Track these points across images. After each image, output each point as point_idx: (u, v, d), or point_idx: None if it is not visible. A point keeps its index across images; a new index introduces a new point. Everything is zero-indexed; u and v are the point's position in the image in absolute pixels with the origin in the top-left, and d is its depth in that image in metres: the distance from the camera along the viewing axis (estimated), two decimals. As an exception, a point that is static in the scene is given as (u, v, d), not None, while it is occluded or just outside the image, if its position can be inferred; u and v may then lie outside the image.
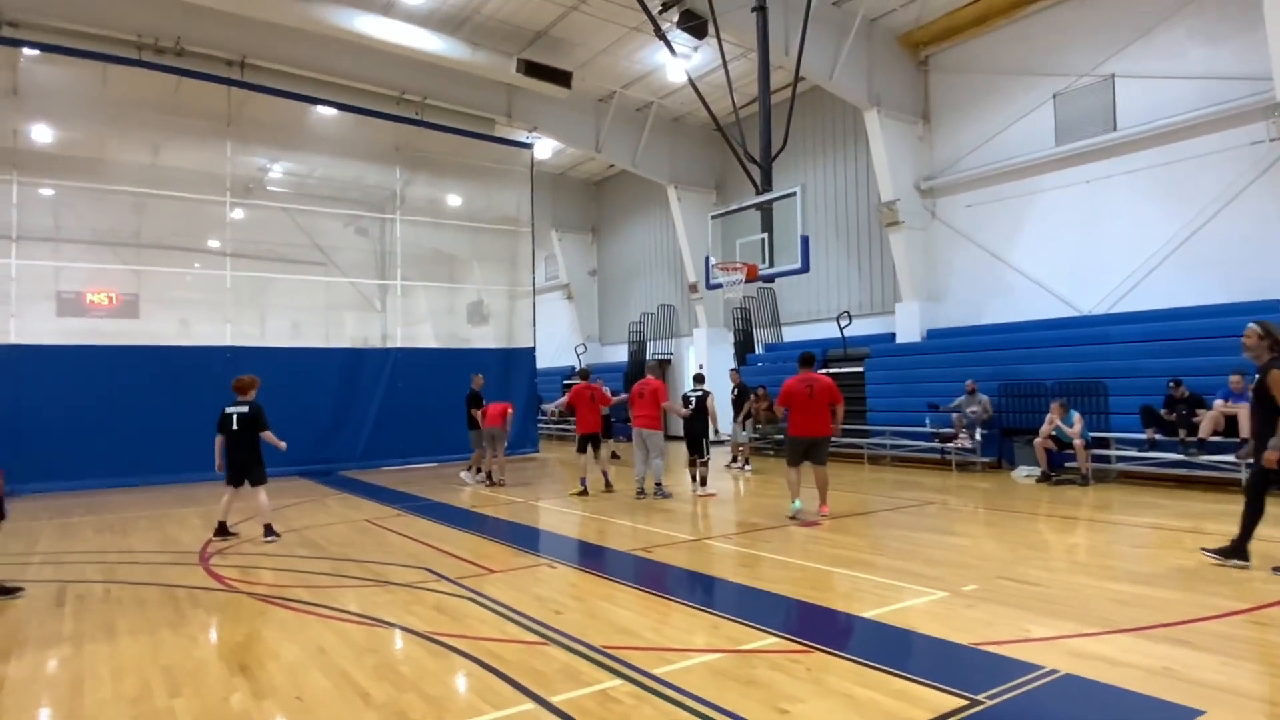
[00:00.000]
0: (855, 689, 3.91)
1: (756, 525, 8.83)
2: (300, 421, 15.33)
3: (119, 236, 15.19)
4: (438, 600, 5.86)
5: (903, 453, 14.85)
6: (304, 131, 16.83)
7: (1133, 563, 6.64)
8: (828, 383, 8.88)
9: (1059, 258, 14.48)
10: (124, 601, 6.04)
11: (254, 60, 15.45)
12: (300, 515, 10.36)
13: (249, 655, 4.72)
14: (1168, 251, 12.98)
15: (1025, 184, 14.94)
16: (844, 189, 18.59)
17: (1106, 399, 11.99)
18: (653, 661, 4.37)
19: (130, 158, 15.30)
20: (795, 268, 10.97)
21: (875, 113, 15.73)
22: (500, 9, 15.46)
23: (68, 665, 4.62)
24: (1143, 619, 4.95)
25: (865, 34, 15.59)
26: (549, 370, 26.02)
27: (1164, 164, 13.01)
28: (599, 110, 19.99)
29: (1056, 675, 4.01)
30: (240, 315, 15.67)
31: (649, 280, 25.12)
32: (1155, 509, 9.28)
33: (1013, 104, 15.06)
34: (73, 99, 14.22)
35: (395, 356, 17.00)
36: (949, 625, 4.91)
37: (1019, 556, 6.88)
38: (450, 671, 4.38)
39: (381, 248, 18.27)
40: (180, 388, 14.22)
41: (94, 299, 14.56)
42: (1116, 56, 13.50)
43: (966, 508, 9.74)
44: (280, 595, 6.14)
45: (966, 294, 16.03)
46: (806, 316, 19.66)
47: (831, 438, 9.19)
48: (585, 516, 9.82)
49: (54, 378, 13.36)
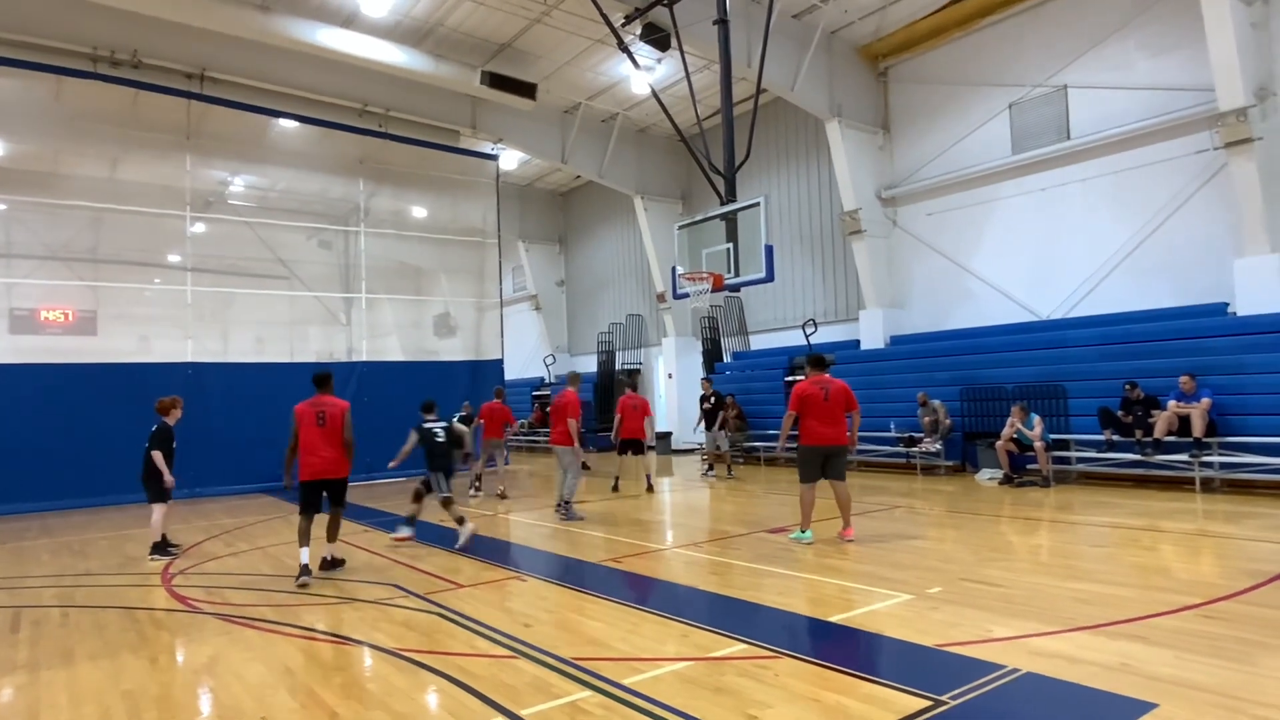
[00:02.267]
0: (823, 693, 3.96)
1: (727, 533, 8.88)
2: (265, 437, 15.12)
3: (75, 252, 14.85)
4: (406, 616, 5.82)
5: (868, 458, 15.03)
6: (266, 144, 16.66)
7: (1092, 561, 6.80)
8: (843, 386, 8.11)
9: (1018, 264, 14.80)
10: (82, 626, 5.91)
11: (214, 73, 15.28)
12: (266, 533, 10.21)
13: (213, 677, 4.65)
14: (1121, 257, 13.34)
15: (984, 192, 15.26)
16: (807, 198, 18.83)
17: (1066, 401, 12.26)
18: (623, 672, 4.39)
19: (87, 172, 15.02)
20: (760, 277, 11.08)
21: (836, 123, 15.98)
22: (464, 22, 15.47)
23: (23, 693, 4.51)
24: (1101, 616, 5.08)
25: (825, 46, 15.85)
26: (518, 381, 25.94)
27: (1115, 172, 13.38)
28: (565, 122, 20.05)
29: (1018, 674, 4.10)
30: (202, 331, 15.41)
31: (617, 290, 25.18)
32: (1113, 508, 9.50)
33: (970, 114, 15.39)
34: (25, 112, 13.94)
35: (361, 370, 16.84)
36: (914, 628, 5.00)
37: (982, 558, 7.01)
38: (419, 688, 4.35)
39: (346, 261, 18.11)
40: (140, 406, 13.80)
41: (49, 316, 14.23)
42: (1069, 67, 13.88)
43: (931, 511, 9.89)
44: (245, 615, 6.04)
45: (929, 301, 16.31)
46: (773, 324, 19.85)
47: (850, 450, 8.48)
48: (556, 529, 9.80)
49: (7, 397, 13.02)
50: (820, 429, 7.94)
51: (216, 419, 14.72)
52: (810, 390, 7.99)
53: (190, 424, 15.08)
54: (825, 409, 7.94)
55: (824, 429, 7.94)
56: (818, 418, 7.94)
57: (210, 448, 14.54)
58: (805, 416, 7.99)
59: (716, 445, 15.01)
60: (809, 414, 7.97)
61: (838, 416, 8.01)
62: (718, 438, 14.93)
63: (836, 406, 7.99)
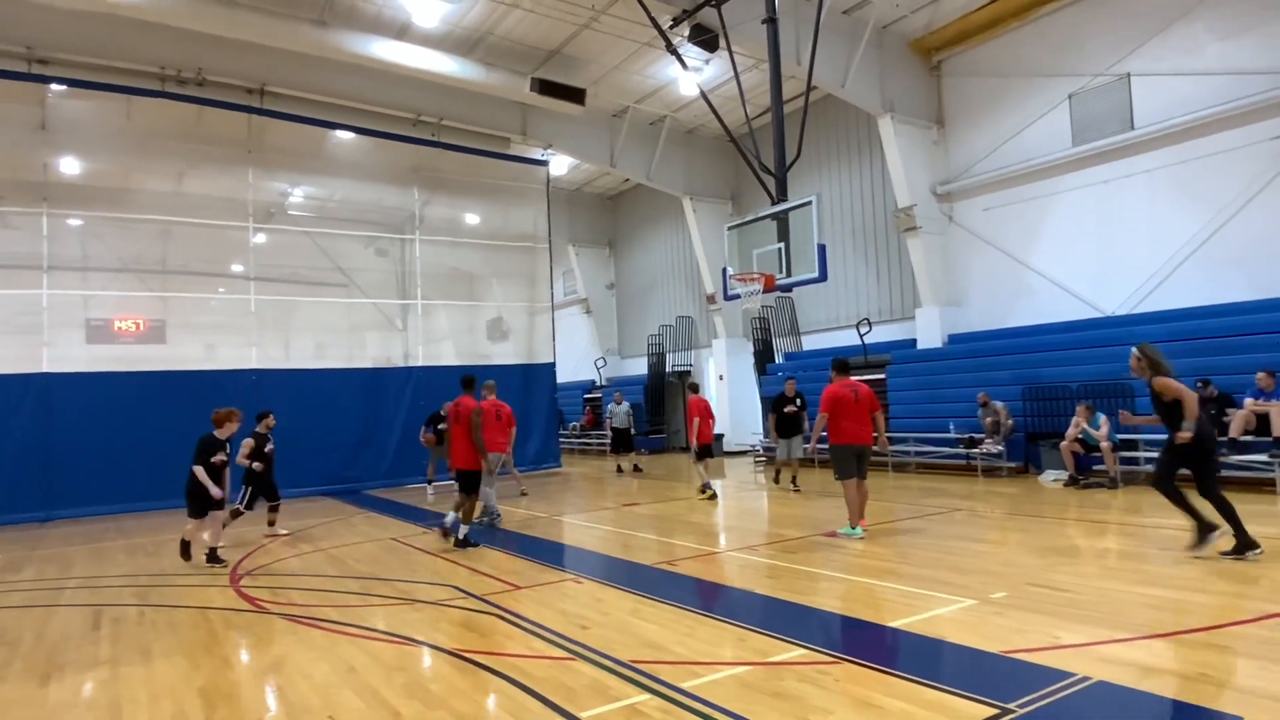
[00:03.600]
0: (886, 700, 3.89)
1: (781, 537, 8.80)
2: (325, 441, 15.58)
3: (145, 264, 15.51)
4: (465, 617, 5.90)
5: (927, 459, 14.74)
6: (323, 156, 17.12)
7: (1164, 566, 6.54)
8: (868, 389, 8.67)
9: (1080, 259, 14.37)
10: (158, 624, 6.13)
11: (273, 88, 15.74)
12: (328, 535, 10.46)
13: (281, 676, 4.77)
14: (1190, 250, 12.84)
15: (1043, 185, 14.86)
16: (860, 196, 18.57)
17: (1133, 400, 11.84)
18: (681, 675, 4.37)
19: (155, 186, 15.64)
20: (813, 276, 10.98)
21: (889, 119, 15.72)
22: (513, 30, 15.65)
23: (106, 688, 4.70)
24: (1176, 623, 4.89)
25: (876, 41, 15.61)
26: (569, 385, 26.11)
27: (1182, 161, 12.90)
28: (613, 125, 20.13)
29: (1089, 682, 3.96)
30: (265, 338, 15.90)
31: (666, 292, 25.17)
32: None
33: (1028, 106, 15.00)
34: (99, 131, 14.55)
35: (417, 375, 17.14)
36: (978, 633, 4.87)
37: (1048, 562, 6.81)
38: (479, 689, 4.41)
39: (401, 268, 18.48)
40: (206, 411, 14.36)
41: (122, 326, 14.85)
42: (1132, 55, 13.42)
43: (993, 514, 9.65)
44: (310, 615, 6.20)
45: (987, 298, 15.93)
46: (826, 324, 19.61)
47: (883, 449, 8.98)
48: (609, 531, 9.84)
49: (85, 404, 13.58)
50: (854, 429, 8.44)
51: (279, 424, 15.11)
52: (842, 393, 8.46)
53: (253, 429, 15.61)
54: (856, 410, 8.44)
55: (858, 429, 8.44)
56: (851, 418, 8.42)
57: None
58: (838, 417, 8.45)
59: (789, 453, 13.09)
60: (841, 415, 8.43)
61: (866, 417, 8.51)
62: (791, 445, 12.98)
63: (864, 408, 8.50)
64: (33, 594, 7.54)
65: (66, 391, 13.58)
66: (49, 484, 12.98)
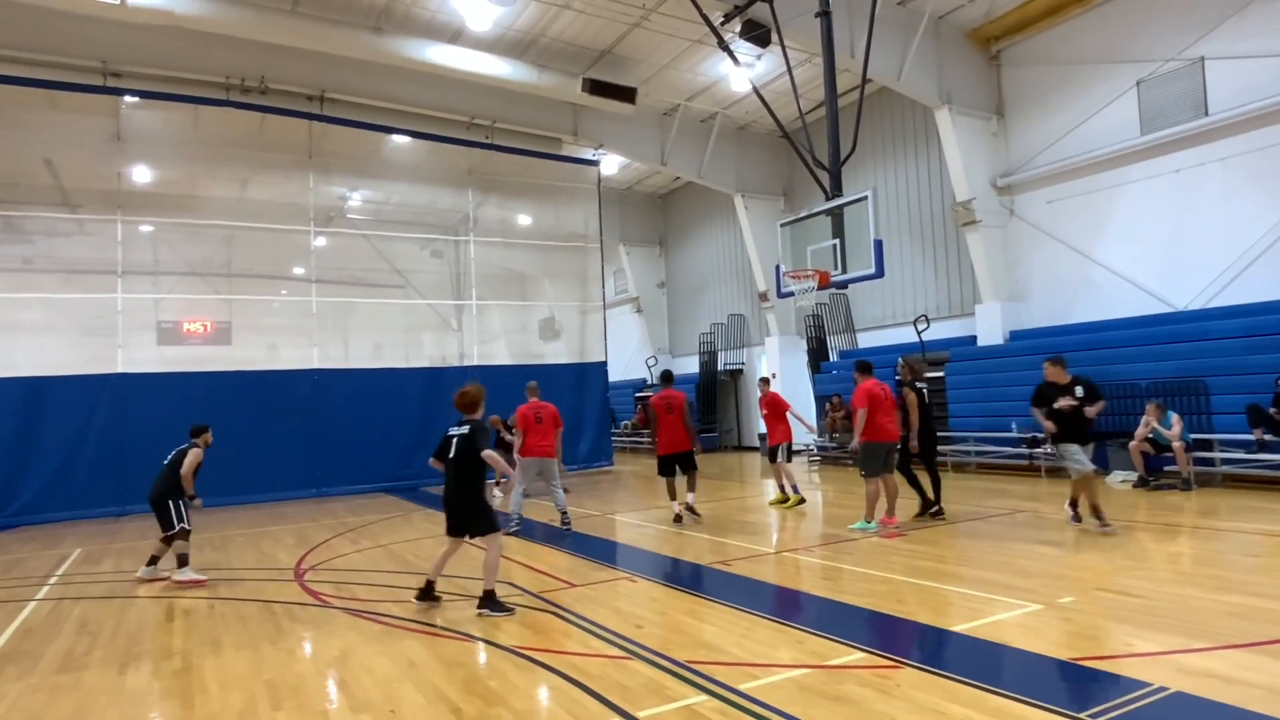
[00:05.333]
0: (949, 706, 3.79)
1: (837, 537, 8.67)
2: (384, 439, 15.92)
3: (212, 267, 16.10)
4: (522, 614, 5.94)
5: (988, 459, 14.37)
6: (381, 160, 17.48)
7: (1244, 573, 6.26)
8: (889, 388, 9.10)
9: (1149, 252, 13.82)
10: (227, 617, 6.33)
11: (333, 94, 16.11)
12: (387, 531, 10.67)
13: (345, 669, 4.88)
14: (1269, 242, 12.25)
15: (1109, 176, 14.34)
16: (917, 190, 18.19)
17: (1208, 398, 11.36)
18: (738, 677, 4.34)
19: (221, 193, 16.17)
20: (869, 273, 10.78)
21: (946, 111, 15.36)
22: (564, 31, 15.74)
23: (179, 678, 4.87)
24: (1260, 633, 4.66)
25: (933, 32, 15.27)
26: (620, 383, 26.16)
27: (1261, 149, 12.30)
28: (664, 124, 20.10)
29: (1166, 693, 3.81)
30: (325, 339, 16.32)
31: (718, 290, 25.04)
32: (1267, 514, 8.74)
33: (1092, 94, 14.49)
34: (168, 140, 15.12)
35: (473, 374, 17.37)
36: (1046, 640, 4.73)
37: (1118, 567, 6.57)
38: (537, 686, 4.44)
39: (456, 269, 18.76)
40: (269, 410, 14.91)
41: (190, 328, 15.42)
42: (1205, 38, 12.86)
43: (1059, 516, 9.35)
44: (371, 610, 6.33)
45: (1050, 293, 15.45)
46: (882, 321, 19.27)
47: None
48: (663, 531, 9.83)
49: (155, 403, 14.09)
50: (889, 426, 8.77)
51: (340, 423, 15.60)
52: (878, 390, 8.77)
53: (315, 427, 16.03)
54: (888, 406, 8.79)
55: (892, 426, 8.79)
56: (887, 414, 8.75)
57: (333, 450, 15.47)
58: (874, 413, 8.66)
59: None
60: (878, 411, 8.68)
61: (895, 415, 8.91)
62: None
63: (893, 405, 8.89)
64: (112, 585, 7.87)
65: (139, 391, 14.14)
66: (124, 479, 13.50)
